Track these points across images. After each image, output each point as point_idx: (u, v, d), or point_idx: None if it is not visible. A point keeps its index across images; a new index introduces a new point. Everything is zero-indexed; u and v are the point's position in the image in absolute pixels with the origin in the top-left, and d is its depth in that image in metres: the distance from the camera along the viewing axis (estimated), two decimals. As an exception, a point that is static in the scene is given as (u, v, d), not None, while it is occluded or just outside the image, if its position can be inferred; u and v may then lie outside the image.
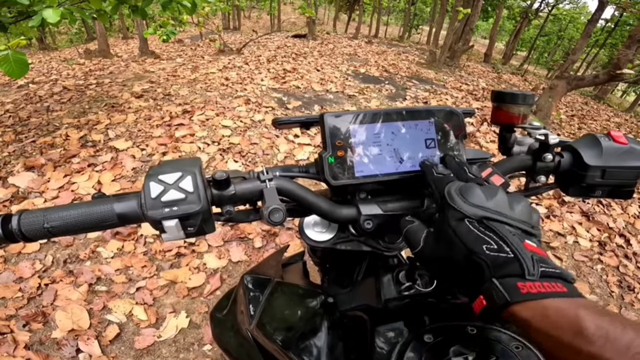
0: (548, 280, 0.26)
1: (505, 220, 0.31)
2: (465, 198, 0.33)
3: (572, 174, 0.49)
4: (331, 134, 0.44)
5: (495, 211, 0.32)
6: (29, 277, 1.58)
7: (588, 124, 6.12)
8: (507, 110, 0.51)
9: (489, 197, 0.33)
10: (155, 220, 0.35)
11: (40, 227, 0.34)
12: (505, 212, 0.32)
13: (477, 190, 0.34)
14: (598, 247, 2.33)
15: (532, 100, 0.50)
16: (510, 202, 0.33)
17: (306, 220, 0.51)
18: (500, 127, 0.54)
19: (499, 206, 0.32)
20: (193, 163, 0.38)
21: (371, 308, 0.47)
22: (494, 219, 0.31)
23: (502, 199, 0.33)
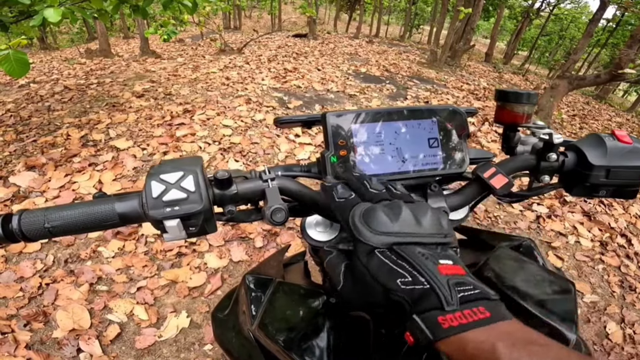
0: (469, 306, 0.25)
1: (415, 240, 0.29)
2: (369, 226, 0.30)
3: (576, 174, 0.48)
4: (333, 133, 0.44)
5: (402, 233, 0.30)
6: (29, 276, 1.58)
7: (589, 123, 6.11)
8: (511, 109, 0.51)
9: (394, 219, 0.30)
10: (156, 220, 0.35)
11: (40, 227, 0.34)
12: (412, 231, 0.30)
13: (380, 214, 0.31)
14: (599, 247, 2.33)
15: (536, 100, 0.50)
16: (417, 217, 0.31)
17: (308, 220, 0.51)
18: (503, 126, 0.53)
19: (406, 225, 0.30)
20: (195, 162, 0.38)
21: None
22: (403, 243, 0.29)
23: (407, 215, 0.31)
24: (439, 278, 0.26)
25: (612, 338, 1.71)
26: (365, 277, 0.29)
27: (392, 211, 0.31)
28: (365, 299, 0.29)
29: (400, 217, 0.31)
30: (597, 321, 1.80)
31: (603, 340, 1.71)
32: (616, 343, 1.70)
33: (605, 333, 1.74)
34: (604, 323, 1.79)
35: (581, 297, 1.92)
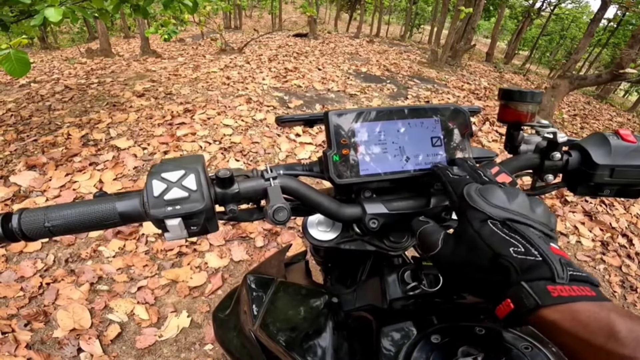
0: (577, 284, 0.26)
1: (529, 222, 0.31)
2: (486, 199, 0.32)
3: (581, 173, 0.48)
4: (336, 132, 0.43)
5: (518, 212, 0.31)
6: (30, 276, 1.58)
7: (590, 123, 6.10)
8: (515, 108, 0.50)
9: (511, 199, 0.32)
10: (157, 219, 0.34)
11: (41, 226, 0.34)
12: (527, 214, 0.31)
13: (499, 192, 0.33)
14: (601, 247, 2.32)
15: (540, 98, 0.49)
16: (531, 205, 0.33)
17: (310, 220, 0.51)
18: (507, 125, 0.53)
19: (521, 208, 0.32)
20: (196, 160, 0.37)
21: (376, 308, 0.47)
22: (517, 221, 0.31)
23: (524, 200, 0.33)
24: (552, 254, 0.28)
25: None
26: (475, 241, 0.30)
27: (510, 193, 0.33)
28: (469, 260, 0.31)
29: (516, 200, 0.32)
30: None
31: None
32: None
33: None
34: None
35: None
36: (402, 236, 0.50)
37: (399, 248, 0.50)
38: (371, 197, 0.46)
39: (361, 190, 0.46)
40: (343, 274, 0.72)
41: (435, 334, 0.38)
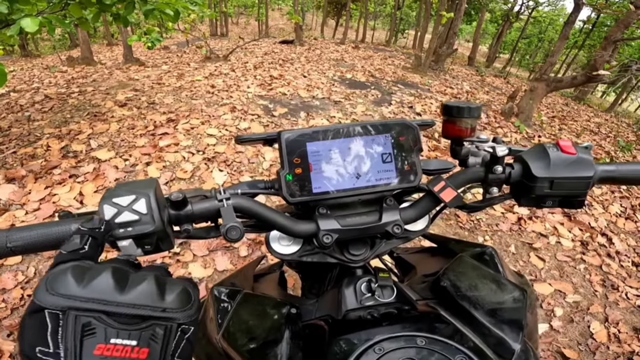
0: None
1: (105, 308, 0.26)
2: (49, 285, 0.27)
3: (523, 185, 0.49)
4: (288, 152, 0.45)
5: (88, 298, 0.26)
6: (11, 288, 1.57)
7: (569, 124, 6.29)
8: (454, 123, 0.52)
9: (85, 282, 0.27)
10: (109, 240, 0.37)
11: (3, 246, 0.36)
12: (106, 299, 0.27)
13: (68, 275, 0.27)
14: (580, 246, 2.36)
15: (478, 113, 0.51)
16: (122, 285, 0.28)
17: (272, 234, 0.52)
18: (450, 140, 0.54)
19: (99, 291, 0.27)
20: (149, 185, 0.40)
21: (332, 318, 0.48)
22: (86, 309, 0.26)
23: (107, 282, 0.27)
24: (83, 358, 0.25)
25: (596, 337, 1.72)
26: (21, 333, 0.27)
27: (88, 273, 0.28)
28: None
29: (95, 281, 0.27)
30: (581, 321, 1.82)
31: (588, 340, 1.72)
32: (601, 342, 1.71)
33: (589, 332, 1.75)
34: (587, 322, 1.80)
35: (564, 297, 1.94)
36: (360, 248, 0.53)
37: (358, 260, 0.52)
38: (325, 213, 0.48)
39: (316, 207, 0.48)
40: (312, 285, 0.74)
41: (379, 344, 0.39)
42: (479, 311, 0.44)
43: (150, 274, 0.30)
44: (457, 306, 0.46)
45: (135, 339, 0.26)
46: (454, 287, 0.48)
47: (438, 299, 0.49)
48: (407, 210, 0.50)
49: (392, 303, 0.48)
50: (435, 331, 0.41)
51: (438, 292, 0.50)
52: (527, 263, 2.18)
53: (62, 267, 0.28)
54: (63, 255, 0.31)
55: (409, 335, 0.40)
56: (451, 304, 0.47)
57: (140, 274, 0.30)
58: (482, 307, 0.45)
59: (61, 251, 0.31)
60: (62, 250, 0.31)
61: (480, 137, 0.51)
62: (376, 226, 0.48)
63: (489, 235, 2.36)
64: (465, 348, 0.39)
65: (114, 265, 0.30)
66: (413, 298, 0.49)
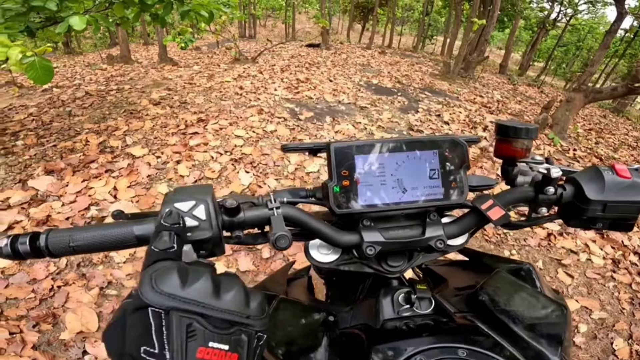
0: None
1: (203, 311, 0.27)
2: (155, 283, 0.27)
3: (574, 207, 0.49)
4: (337, 164, 0.45)
5: (189, 300, 0.27)
6: (42, 278, 1.63)
7: (606, 138, 5.96)
8: (510, 144, 0.51)
9: (187, 283, 0.28)
10: None
11: (66, 246, 0.37)
12: (204, 302, 0.27)
13: (173, 274, 0.28)
14: (611, 264, 2.29)
15: (535, 134, 0.51)
16: (218, 289, 0.29)
17: (312, 242, 0.53)
18: (503, 159, 0.54)
19: (198, 294, 0.28)
20: (206, 191, 0.41)
21: (369, 327, 0.49)
22: (186, 310, 0.27)
23: (205, 285, 0.28)
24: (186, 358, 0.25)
25: (618, 354, 1.68)
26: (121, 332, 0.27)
27: (190, 275, 0.29)
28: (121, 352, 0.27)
29: (195, 285, 0.28)
30: (604, 337, 1.77)
31: (609, 357, 1.68)
32: (622, 359, 1.67)
33: (612, 349, 1.71)
34: (611, 339, 1.76)
35: (589, 314, 1.89)
36: (399, 260, 0.53)
37: (395, 271, 0.53)
38: (369, 225, 0.48)
39: (359, 218, 0.48)
40: (343, 292, 0.74)
41: (420, 354, 0.40)
42: (517, 325, 0.45)
43: (238, 281, 0.31)
44: (496, 320, 0.46)
45: (227, 343, 0.27)
46: (492, 302, 0.49)
47: (475, 312, 0.49)
48: (451, 225, 0.51)
49: (430, 315, 0.48)
50: (476, 343, 0.42)
51: (475, 306, 0.50)
52: (554, 279, 2.11)
53: (162, 265, 0.29)
54: (157, 252, 0.31)
55: (450, 347, 0.41)
56: (489, 317, 0.47)
57: (230, 280, 0.31)
58: (521, 321, 0.45)
59: (153, 248, 0.32)
60: (153, 247, 0.32)
61: (535, 157, 0.51)
62: (419, 240, 0.48)
63: (516, 249, 2.28)
64: None
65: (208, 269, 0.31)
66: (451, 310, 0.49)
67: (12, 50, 1.60)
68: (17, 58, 1.58)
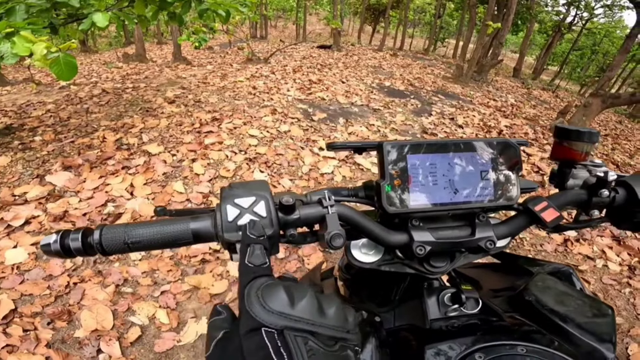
0: None
1: (314, 329, 0.27)
2: (264, 301, 0.27)
3: (626, 210, 0.49)
4: (389, 163, 0.45)
5: (300, 318, 0.27)
6: (58, 275, 1.63)
7: (622, 144, 5.83)
8: (570, 146, 0.52)
9: (295, 301, 0.28)
10: (229, 242, 0.37)
11: (121, 243, 0.36)
12: (313, 319, 0.28)
13: (281, 292, 0.28)
14: (628, 271, 2.25)
15: (597, 138, 0.51)
16: (322, 305, 0.29)
17: (353, 242, 0.53)
18: (559, 162, 0.54)
19: (307, 311, 0.28)
20: (264, 187, 0.40)
21: (417, 328, 0.49)
22: (299, 329, 0.27)
23: (312, 302, 0.29)
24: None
25: (632, 359, 1.66)
26: (237, 355, 0.26)
27: (296, 292, 0.29)
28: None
29: (301, 302, 0.28)
30: (620, 343, 1.75)
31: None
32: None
33: (626, 354, 1.69)
34: (626, 344, 1.74)
35: None
36: (442, 261, 0.52)
37: (437, 272, 0.52)
38: (419, 225, 0.48)
39: (408, 218, 0.48)
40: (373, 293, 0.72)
41: (479, 352, 0.39)
42: (568, 324, 0.45)
43: (335, 297, 0.31)
44: (545, 319, 0.46)
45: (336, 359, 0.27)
46: (538, 302, 0.49)
47: (520, 312, 0.50)
48: (500, 227, 0.50)
49: (476, 315, 0.48)
50: (532, 340, 0.41)
51: (520, 306, 0.50)
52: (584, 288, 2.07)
53: (262, 282, 0.29)
54: (253, 268, 0.31)
55: (508, 344, 0.40)
56: (537, 317, 0.47)
57: (329, 296, 0.31)
58: (571, 320, 0.45)
59: (247, 263, 0.31)
60: (248, 262, 0.32)
61: (594, 161, 0.51)
62: (469, 241, 0.48)
63: (532, 254, 2.25)
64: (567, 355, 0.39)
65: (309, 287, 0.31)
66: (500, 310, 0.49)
67: (37, 46, 1.61)
68: (42, 53, 1.59)
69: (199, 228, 0.38)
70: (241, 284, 0.29)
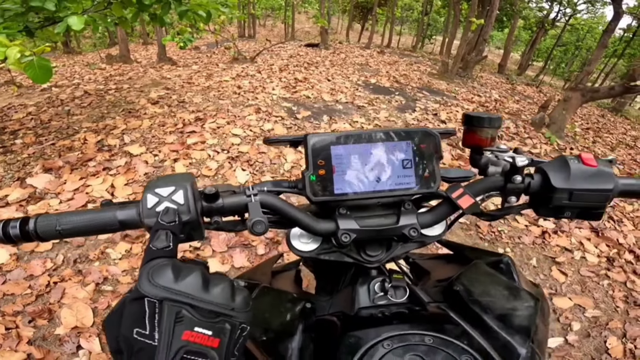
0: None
1: (192, 302, 0.30)
2: (152, 277, 0.31)
3: (542, 195, 0.50)
4: (313, 154, 0.47)
5: (180, 292, 0.30)
6: (39, 274, 1.64)
7: (604, 137, 5.98)
8: (475, 133, 0.53)
9: (179, 278, 0.31)
10: (149, 226, 0.40)
11: (52, 229, 0.40)
12: (194, 294, 0.31)
13: (168, 270, 0.31)
14: (606, 262, 2.30)
15: (498, 123, 0.52)
16: (207, 284, 0.32)
17: (293, 231, 0.55)
18: (470, 149, 0.56)
19: (188, 287, 0.31)
20: (186, 178, 0.43)
21: (345, 315, 0.51)
22: (176, 300, 0.30)
23: (196, 280, 0.32)
24: (173, 342, 0.29)
25: (611, 353, 1.69)
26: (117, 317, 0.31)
27: (183, 271, 0.32)
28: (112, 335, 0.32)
29: (186, 279, 0.31)
30: (598, 336, 1.78)
31: (602, 355, 1.69)
32: (615, 358, 1.67)
33: (605, 348, 1.72)
34: (604, 338, 1.77)
35: (583, 312, 1.90)
36: (377, 250, 0.55)
37: (374, 261, 0.54)
38: (345, 213, 0.50)
39: (336, 207, 0.50)
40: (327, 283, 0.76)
41: (388, 340, 0.41)
42: (488, 315, 0.46)
43: (226, 278, 0.35)
44: (468, 310, 0.48)
45: (211, 329, 0.31)
46: (466, 292, 0.50)
47: (449, 302, 0.51)
48: (425, 215, 0.52)
49: (404, 303, 0.50)
50: (443, 331, 0.43)
51: (450, 296, 0.52)
52: (548, 277, 2.13)
53: (158, 262, 0.33)
54: (155, 251, 0.35)
55: (418, 334, 0.42)
56: (462, 307, 0.49)
57: (218, 277, 0.35)
58: (492, 311, 0.46)
59: (151, 247, 0.35)
60: (152, 246, 0.35)
61: (500, 147, 0.53)
62: (393, 228, 0.50)
63: (510, 247, 2.31)
64: (472, 349, 0.40)
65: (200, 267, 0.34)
66: (425, 300, 0.51)
67: (10, 50, 1.61)
68: (16, 57, 1.60)
69: (125, 216, 0.42)
70: (142, 263, 0.33)
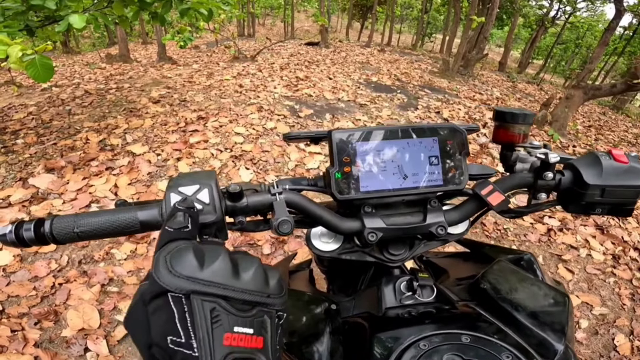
0: None
1: (224, 292, 0.25)
2: (172, 266, 0.26)
3: (573, 192, 0.50)
4: (338, 150, 0.46)
5: (209, 282, 0.25)
6: (44, 276, 1.63)
7: (605, 134, 5.97)
8: (507, 129, 0.52)
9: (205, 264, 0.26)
10: None
11: (70, 232, 0.37)
12: (225, 282, 0.26)
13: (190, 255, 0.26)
14: (612, 260, 2.29)
15: (531, 120, 0.51)
16: (237, 268, 0.27)
17: (313, 231, 0.53)
18: (501, 145, 0.54)
19: (217, 275, 0.26)
20: (210, 176, 0.41)
21: (372, 315, 0.49)
22: (208, 293, 0.25)
23: (224, 265, 0.27)
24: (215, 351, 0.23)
25: (619, 350, 1.69)
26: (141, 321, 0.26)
27: (207, 255, 0.27)
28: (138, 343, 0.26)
29: (212, 265, 0.27)
30: (606, 333, 1.78)
31: (610, 353, 1.68)
32: (624, 355, 1.67)
33: (613, 345, 1.72)
34: (612, 335, 1.77)
35: (590, 309, 1.89)
36: (400, 249, 0.53)
37: (397, 260, 0.53)
38: (371, 212, 0.49)
39: (362, 205, 0.49)
40: (345, 283, 0.74)
41: (424, 340, 0.40)
42: (520, 313, 0.45)
43: (254, 259, 0.30)
44: (498, 308, 0.47)
45: (251, 326, 0.25)
46: (494, 290, 0.49)
47: (476, 301, 0.50)
48: (451, 212, 0.51)
49: (431, 303, 0.49)
50: (478, 329, 0.42)
51: (476, 294, 0.51)
52: (555, 274, 2.12)
53: (176, 245, 0.27)
54: (171, 232, 0.29)
55: (453, 333, 0.41)
56: (491, 305, 0.47)
57: (246, 258, 0.29)
58: (523, 309, 0.46)
59: (167, 228, 0.30)
60: (167, 227, 0.30)
61: (532, 143, 0.52)
62: (420, 226, 0.49)
63: (516, 245, 2.30)
64: (510, 346, 0.39)
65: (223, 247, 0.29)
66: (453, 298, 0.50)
67: (12, 49, 1.59)
68: (17, 56, 1.58)
69: (146, 216, 0.39)
70: (156, 248, 0.28)
